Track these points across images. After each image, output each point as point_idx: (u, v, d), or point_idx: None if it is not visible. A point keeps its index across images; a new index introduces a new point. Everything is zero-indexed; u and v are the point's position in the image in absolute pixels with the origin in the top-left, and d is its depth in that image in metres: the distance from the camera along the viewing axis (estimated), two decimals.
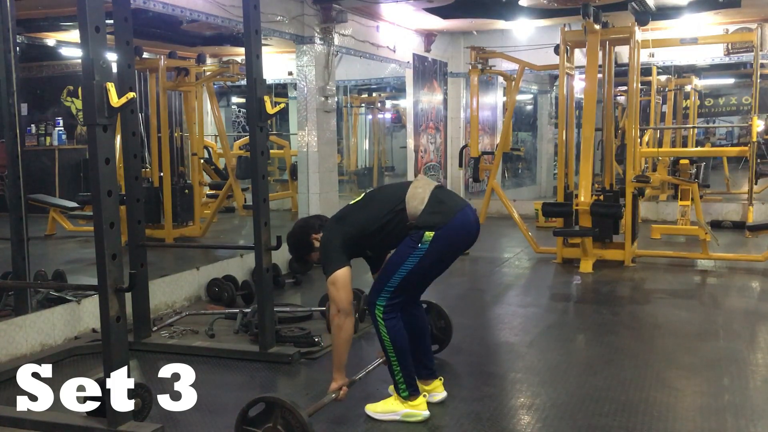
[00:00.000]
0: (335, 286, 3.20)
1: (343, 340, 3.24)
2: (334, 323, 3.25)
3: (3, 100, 4.32)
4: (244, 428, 2.96)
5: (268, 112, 3.99)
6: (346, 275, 3.22)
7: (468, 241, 3.34)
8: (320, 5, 7.13)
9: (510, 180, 13.57)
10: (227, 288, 5.55)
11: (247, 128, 4.55)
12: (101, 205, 2.85)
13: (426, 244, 3.16)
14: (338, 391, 3.29)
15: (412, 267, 3.19)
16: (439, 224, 3.17)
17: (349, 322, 3.23)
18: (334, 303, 3.22)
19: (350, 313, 3.23)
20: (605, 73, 7.21)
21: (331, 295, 3.23)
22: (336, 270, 3.20)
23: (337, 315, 3.22)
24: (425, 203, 3.21)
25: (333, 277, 3.20)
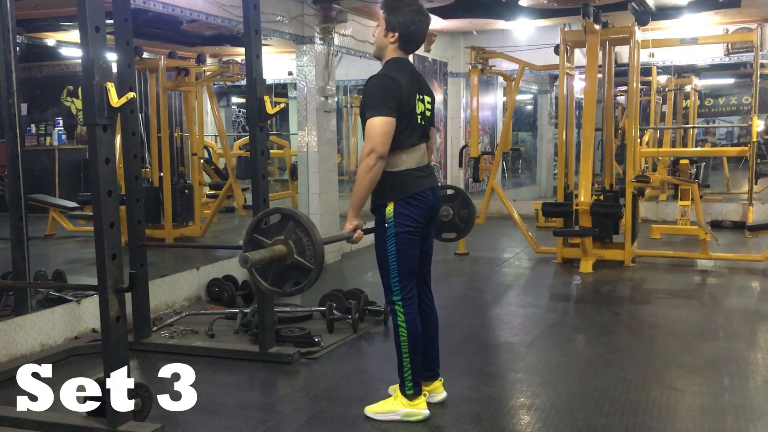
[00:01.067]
0: (377, 130, 3.02)
1: (368, 181, 3.07)
2: (363, 163, 3.03)
3: (3, 100, 4.32)
4: (254, 236, 2.94)
5: (268, 112, 3.99)
6: (390, 125, 3.04)
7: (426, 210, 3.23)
8: (320, 5, 7.13)
9: (510, 180, 13.58)
10: (227, 288, 5.55)
11: (247, 128, 4.55)
12: (101, 205, 2.85)
13: (391, 220, 3.16)
14: (353, 233, 3.22)
15: (395, 248, 3.17)
16: (395, 197, 3.15)
17: (381, 164, 3.05)
18: (370, 141, 3.02)
19: (384, 157, 3.05)
20: (605, 73, 7.21)
21: (369, 135, 3.03)
22: (382, 115, 3.03)
23: (369, 155, 3.02)
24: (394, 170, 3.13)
25: (377, 120, 3.02)
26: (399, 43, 3.22)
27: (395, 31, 3.19)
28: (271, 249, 2.88)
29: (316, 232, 2.86)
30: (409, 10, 3.20)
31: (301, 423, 3.29)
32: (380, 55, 3.29)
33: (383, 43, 3.24)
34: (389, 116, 3.05)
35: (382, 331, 4.79)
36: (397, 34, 3.19)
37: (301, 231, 2.87)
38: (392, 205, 3.16)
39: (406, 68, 3.26)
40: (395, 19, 3.19)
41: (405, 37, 3.20)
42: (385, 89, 3.09)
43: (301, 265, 2.89)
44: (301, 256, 2.88)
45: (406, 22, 3.18)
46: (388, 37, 3.21)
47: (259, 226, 2.97)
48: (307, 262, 2.88)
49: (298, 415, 3.37)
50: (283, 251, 2.89)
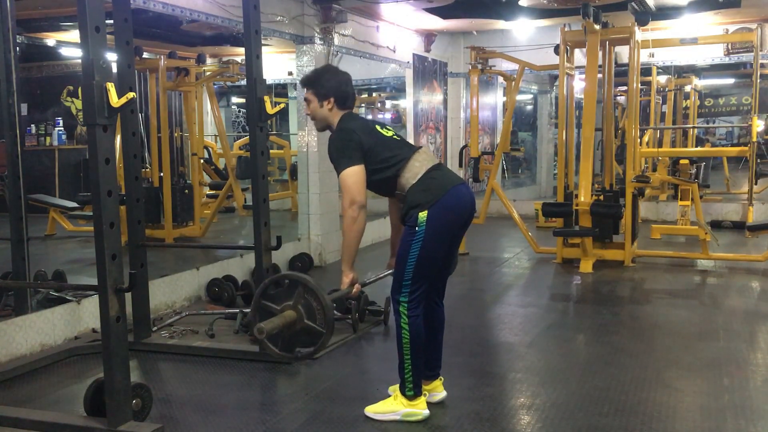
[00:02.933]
0: (350, 179, 3.13)
1: (355, 233, 3.17)
2: (347, 215, 3.14)
3: (3, 100, 4.32)
4: (262, 302, 2.95)
5: (268, 112, 3.99)
6: (360, 171, 3.16)
7: (464, 214, 3.27)
8: (320, 5, 7.13)
9: (510, 180, 13.58)
10: (227, 288, 5.55)
11: (247, 128, 4.55)
12: (101, 205, 2.85)
13: (422, 225, 3.14)
14: (351, 287, 3.26)
15: (418, 252, 3.15)
16: (430, 201, 3.15)
17: (363, 214, 3.16)
18: (348, 194, 3.13)
19: (364, 206, 3.16)
20: (605, 73, 7.21)
21: (344, 188, 3.15)
22: (350, 166, 3.15)
23: (350, 207, 3.13)
24: (417, 179, 3.19)
25: (348, 171, 3.14)
26: (337, 106, 3.34)
27: (329, 97, 3.33)
28: (282, 316, 2.91)
29: (325, 296, 2.87)
30: (329, 75, 3.38)
31: (301, 423, 3.28)
32: (328, 124, 3.40)
33: (323, 114, 3.37)
34: (356, 164, 3.16)
35: (382, 331, 4.79)
36: (332, 99, 3.33)
37: (310, 296, 2.88)
38: (426, 212, 3.14)
39: (354, 116, 3.40)
40: (322, 88, 3.33)
41: (339, 97, 3.34)
42: (342, 141, 3.22)
43: (311, 329, 2.91)
44: (311, 320, 2.92)
45: (333, 85, 3.34)
46: (325, 106, 3.35)
47: (266, 291, 2.97)
48: (317, 326, 2.90)
49: (298, 415, 3.37)
50: (293, 317, 2.91)
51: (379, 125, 3.37)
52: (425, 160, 3.27)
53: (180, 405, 3.53)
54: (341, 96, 3.34)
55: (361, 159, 3.17)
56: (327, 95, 3.33)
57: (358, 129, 3.25)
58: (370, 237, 7.93)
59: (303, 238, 7.22)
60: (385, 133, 3.33)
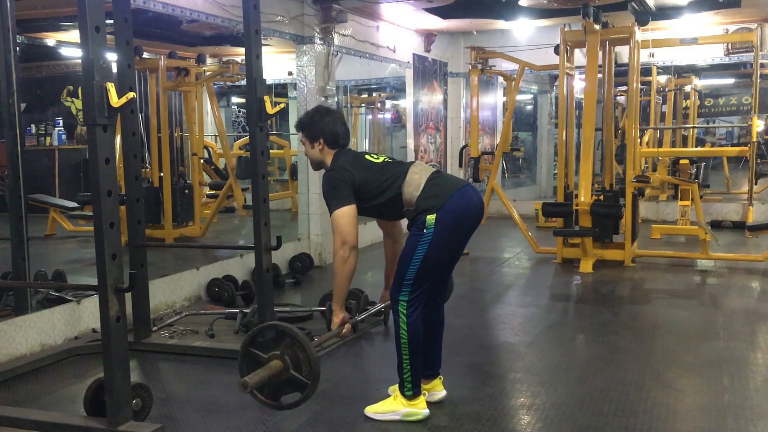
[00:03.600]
0: (341, 220, 3.17)
1: (346, 274, 3.20)
2: (337, 255, 3.18)
3: (3, 100, 4.32)
4: (249, 350, 2.96)
5: (268, 112, 3.99)
6: (352, 211, 3.20)
7: (472, 216, 3.28)
8: (320, 5, 7.13)
9: (510, 180, 13.57)
10: (227, 288, 5.55)
11: (247, 128, 4.55)
12: (101, 205, 2.85)
13: (431, 228, 3.14)
14: (341, 327, 3.29)
15: (423, 254, 3.16)
16: (438, 205, 3.15)
17: (354, 255, 3.19)
18: (339, 235, 3.17)
19: (355, 247, 3.19)
20: (605, 73, 7.21)
21: (336, 228, 3.18)
22: (342, 206, 3.19)
23: (341, 247, 3.16)
24: (420, 189, 3.21)
25: (339, 212, 3.18)
26: (328, 145, 3.41)
27: (318, 138, 3.40)
28: (268, 367, 2.91)
29: (312, 349, 2.88)
30: (318, 116, 3.45)
31: (301, 423, 3.29)
32: (321, 164, 3.46)
33: (316, 155, 3.45)
34: (347, 204, 3.21)
35: (382, 331, 4.79)
36: (321, 140, 3.40)
37: (297, 347, 2.89)
38: (434, 215, 3.15)
39: (345, 153, 3.42)
40: (312, 130, 3.41)
41: (329, 137, 3.40)
42: (333, 181, 3.26)
43: (297, 380, 2.93)
44: (297, 371, 2.92)
45: (323, 126, 3.40)
46: (317, 147, 3.42)
47: (255, 340, 2.99)
48: (303, 378, 2.91)
49: (298, 415, 3.37)
50: (279, 367, 2.92)
51: (368, 154, 3.43)
52: (422, 171, 3.30)
53: (180, 405, 3.53)
54: (330, 136, 3.39)
55: (352, 198, 3.21)
56: (317, 137, 3.40)
57: (348, 165, 3.29)
58: (369, 237, 7.93)
59: (303, 238, 7.22)
60: (375, 160, 3.37)
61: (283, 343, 2.91)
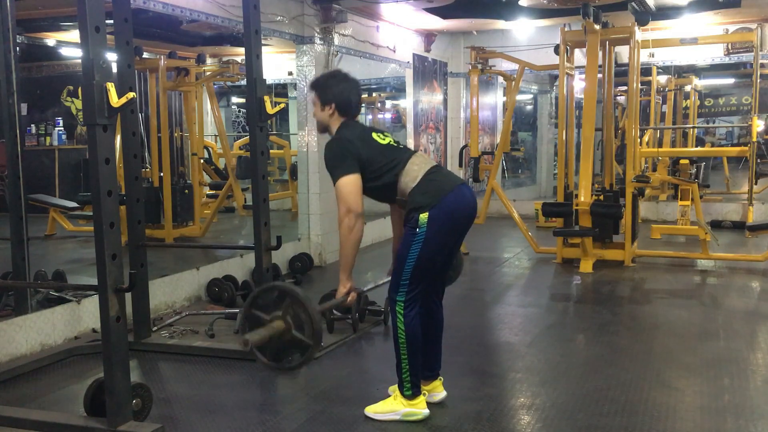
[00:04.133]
0: (346, 188, 3.13)
1: (352, 242, 3.17)
2: (343, 224, 3.14)
3: (3, 100, 4.32)
4: (252, 311, 2.95)
5: (268, 112, 4.00)
6: (356, 180, 3.16)
7: (465, 216, 3.27)
8: (320, 5, 7.13)
9: (510, 180, 13.57)
10: (227, 288, 5.55)
11: (247, 128, 4.55)
12: (101, 205, 2.85)
13: (424, 227, 3.14)
14: (346, 296, 3.27)
15: (418, 253, 3.16)
16: (432, 203, 3.14)
17: (360, 223, 3.16)
18: (344, 203, 3.13)
19: (361, 215, 3.15)
20: (605, 73, 7.21)
21: (340, 197, 3.15)
22: (346, 174, 3.15)
23: (347, 215, 3.13)
24: (416, 182, 3.19)
25: (344, 180, 3.14)
26: (338, 112, 3.35)
27: (330, 102, 3.34)
28: (270, 327, 2.90)
29: (314, 309, 2.87)
30: (335, 80, 3.40)
31: (301, 423, 3.29)
32: (326, 128, 3.41)
33: (324, 118, 3.38)
34: (352, 173, 3.16)
35: (382, 331, 4.79)
36: (333, 105, 3.34)
37: (298, 307, 2.88)
38: (427, 213, 3.14)
39: (352, 125, 3.38)
40: (326, 93, 3.35)
41: (341, 104, 3.34)
42: (338, 150, 3.22)
43: (299, 341, 2.91)
44: (299, 331, 2.90)
45: (337, 92, 3.34)
46: (326, 111, 3.36)
47: (256, 301, 2.98)
48: (305, 338, 2.89)
49: (298, 415, 3.37)
50: (281, 327, 2.90)
51: (375, 132, 3.37)
52: (422, 163, 3.27)
53: (180, 405, 3.54)
54: (343, 104, 3.34)
55: (357, 168, 3.18)
56: (329, 101, 3.34)
57: (355, 139, 3.25)
58: (370, 237, 7.93)
59: (303, 238, 7.22)
60: (381, 140, 3.33)
61: (284, 303, 2.89)
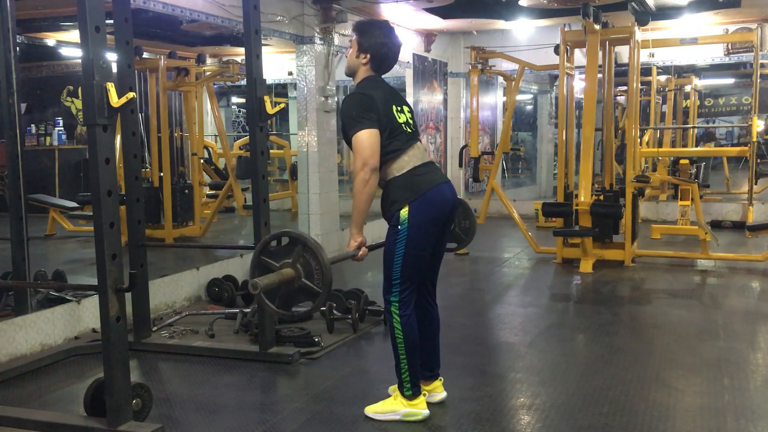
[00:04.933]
0: (365, 142, 3.07)
1: (366, 196, 3.11)
2: (358, 177, 3.08)
3: (3, 100, 4.32)
4: (261, 258, 2.93)
5: (268, 112, 3.99)
6: (375, 135, 3.09)
7: (444, 210, 3.24)
8: (320, 5, 7.14)
9: (510, 180, 13.58)
10: (227, 288, 5.55)
11: (247, 128, 4.55)
12: (101, 205, 2.85)
13: (404, 224, 3.14)
14: (357, 250, 3.25)
15: (404, 251, 3.16)
16: (410, 198, 3.14)
17: (375, 177, 3.10)
18: (360, 156, 3.07)
19: (377, 169, 3.10)
20: (605, 73, 7.21)
21: (358, 150, 3.08)
22: (366, 128, 3.09)
23: (362, 169, 3.07)
24: (401, 173, 3.18)
25: (362, 133, 3.08)
26: (371, 64, 3.29)
27: (367, 52, 3.27)
28: (279, 273, 2.88)
29: (324, 256, 2.86)
30: (380, 32, 3.30)
31: (301, 423, 3.29)
32: (353, 74, 3.36)
33: (355, 63, 3.33)
34: (372, 128, 3.11)
35: (382, 331, 4.78)
36: (369, 56, 3.27)
37: (309, 255, 2.86)
38: (407, 208, 3.14)
39: (379, 85, 3.31)
40: (367, 41, 3.27)
41: (376, 58, 3.28)
42: (361, 104, 3.16)
43: (309, 288, 2.89)
44: (309, 279, 2.89)
45: (378, 44, 3.26)
46: (360, 58, 3.30)
47: (266, 248, 2.96)
48: (315, 285, 2.88)
49: (298, 415, 3.37)
50: (291, 274, 2.89)
51: (396, 104, 3.28)
52: (415, 156, 3.24)
53: (180, 405, 3.53)
54: (379, 57, 3.26)
55: (376, 124, 3.12)
56: (366, 49, 3.26)
57: (380, 101, 3.17)
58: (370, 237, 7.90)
59: None
60: (398, 117, 3.25)
61: (294, 250, 2.87)
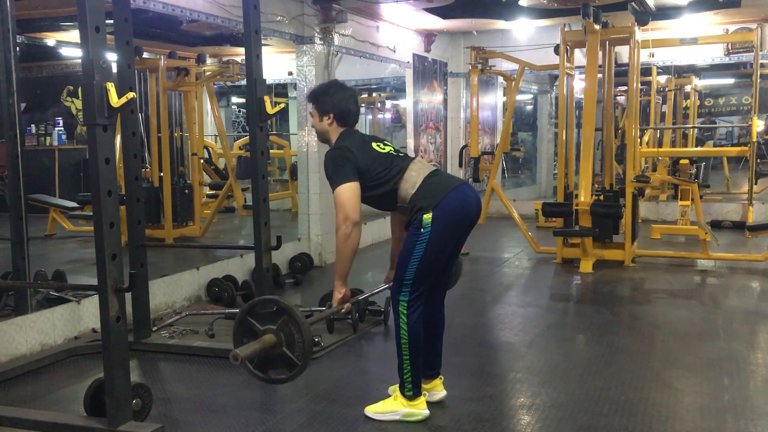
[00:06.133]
0: (344, 195, 3.14)
1: (349, 249, 3.17)
2: (340, 231, 3.14)
3: (3, 100, 4.32)
4: (247, 318, 2.95)
5: (268, 112, 3.99)
6: (355, 187, 3.17)
7: (469, 214, 3.27)
8: (320, 5, 7.13)
9: (510, 180, 13.58)
10: (227, 288, 5.55)
11: (247, 128, 4.55)
12: (101, 205, 2.85)
13: (428, 227, 3.14)
14: (342, 305, 3.29)
15: (422, 254, 3.16)
16: (433, 203, 3.15)
17: (357, 231, 3.16)
18: (342, 210, 3.14)
19: (359, 223, 3.16)
20: (605, 73, 7.21)
21: (338, 204, 3.15)
22: (345, 182, 3.16)
23: (344, 223, 3.13)
24: (416, 188, 3.21)
25: (342, 187, 3.15)
26: (337, 122, 3.37)
27: (328, 112, 3.36)
28: (261, 341, 2.89)
29: (308, 332, 2.86)
30: (333, 90, 3.41)
31: (301, 423, 3.29)
32: (326, 138, 3.42)
33: (323, 128, 3.41)
34: (351, 181, 3.18)
35: (382, 331, 4.79)
36: (331, 115, 3.36)
37: (293, 326, 2.88)
38: (431, 213, 3.15)
39: (352, 134, 3.39)
40: (323, 103, 3.37)
41: (339, 113, 3.36)
42: (336, 160, 3.23)
43: (289, 359, 2.91)
44: (289, 349, 2.90)
45: (335, 101, 3.36)
46: (325, 122, 3.39)
47: (253, 310, 2.97)
48: (295, 357, 2.89)
49: (298, 415, 3.37)
50: (272, 341, 2.90)
51: (375, 142, 3.38)
52: (421, 169, 3.29)
53: (180, 405, 3.54)
54: (341, 113, 3.36)
55: (355, 176, 3.19)
56: (327, 111, 3.36)
57: (353, 148, 3.26)
58: (370, 237, 7.93)
59: (303, 238, 7.22)
60: (380, 149, 3.34)
61: (280, 319, 2.89)
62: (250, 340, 2.91)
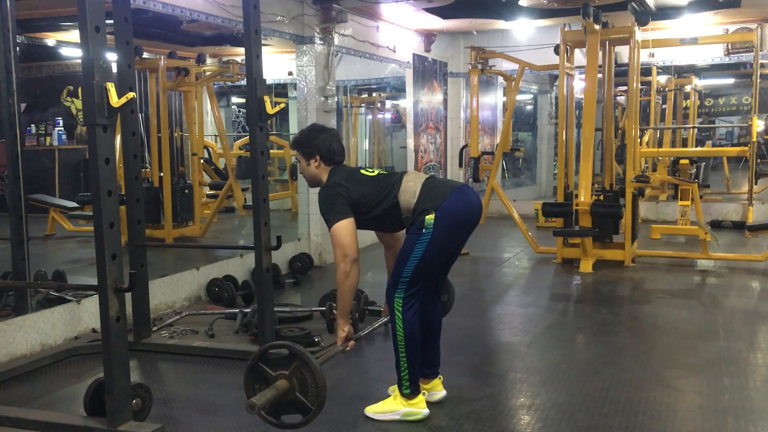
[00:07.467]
0: (340, 234, 3.16)
1: (348, 288, 3.19)
2: (339, 270, 3.16)
3: (3, 100, 4.32)
4: (258, 364, 2.93)
5: (268, 112, 3.99)
6: (350, 224, 3.19)
7: (471, 216, 3.29)
8: (320, 5, 7.13)
9: (510, 180, 13.57)
10: (227, 288, 5.55)
11: (247, 128, 4.55)
12: (101, 205, 2.85)
13: (430, 228, 3.15)
14: (346, 343, 3.29)
15: (421, 254, 3.17)
16: (436, 205, 3.17)
17: (356, 269, 3.17)
18: (340, 248, 3.15)
19: (357, 260, 3.17)
20: (605, 73, 7.21)
21: (336, 242, 3.17)
22: (340, 220, 3.18)
23: (343, 261, 3.15)
24: (417, 195, 3.22)
25: (338, 225, 3.17)
26: (324, 162, 3.41)
27: (314, 155, 3.41)
28: (275, 387, 2.87)
29: (321, 377, 2.84)
30: (313, 133, 3.47)
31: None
32: (317, 181, 3.46)
33: (312, 172, 3.45)
34: (345, 218, 3.19)
35: (382, 331, 4.78)
36: (318, 157, 3.41)
37: (306, 372, 2.85)
38: (433, 214, 3.16)
39: (341, 169, 3.43)
40: (307, 147, 3.43)
41: (324, 153, 3.41)
42: (328, 197, 3.27)
43: (302, 404, 2.88)
44: (303, 395, 2.87)
45: (317, 142, 3.41)
46: (312, 165, 3.43)
47: (264, 356, 2.94)
48: (308, 402, 2.87)
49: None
50: (285, 387, 2.88)
51: (363, 169, 3.45)
52: (417, 178, 3.31)
53: (180, 405, 3.54)
54: (326, 153, 3.40)
55: (349, 212, 3.21)
56: (312, 154, 3.40)
57: (343, 181, 3.29)
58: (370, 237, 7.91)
59: (303, 238, 7.22)
60: (370, 174, 3.38)
61: (293, 364, 2.86)
62: (262, 386, 2.88)
